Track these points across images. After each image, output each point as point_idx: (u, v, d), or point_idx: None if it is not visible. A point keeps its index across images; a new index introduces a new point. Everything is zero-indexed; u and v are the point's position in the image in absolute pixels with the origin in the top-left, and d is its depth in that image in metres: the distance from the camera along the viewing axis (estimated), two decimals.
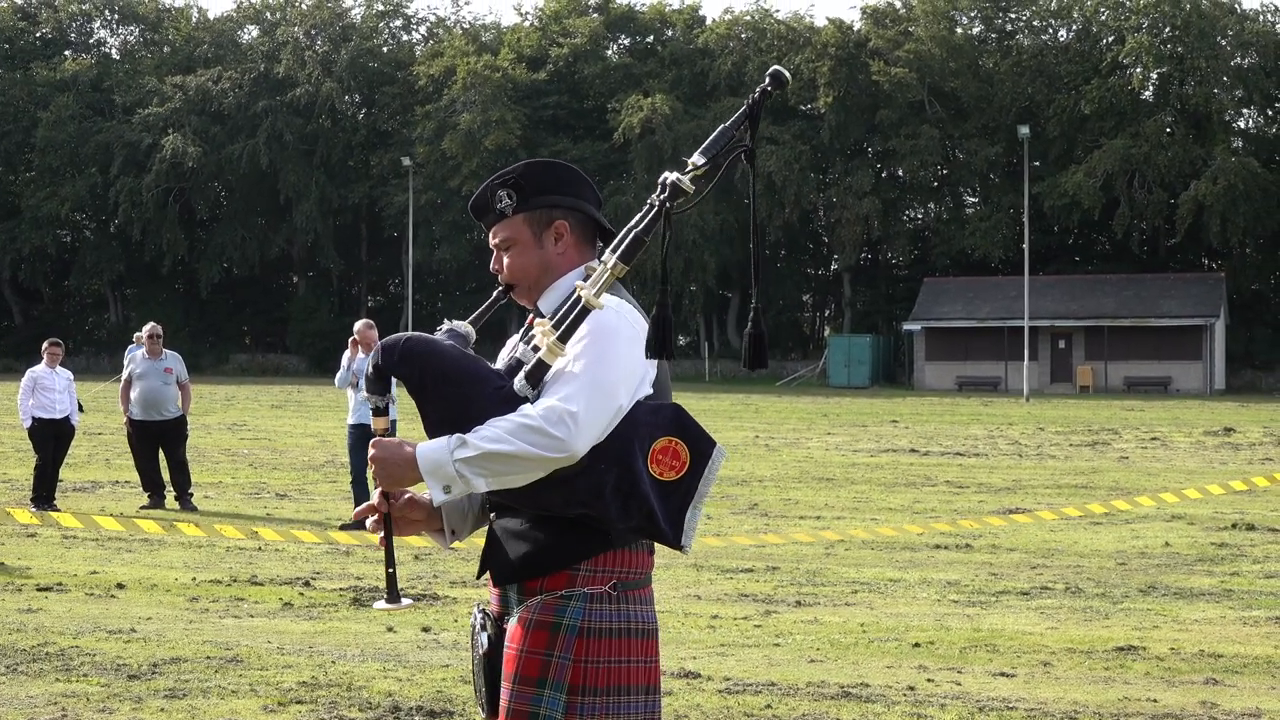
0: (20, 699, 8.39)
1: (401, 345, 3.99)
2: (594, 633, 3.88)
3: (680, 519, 3.90)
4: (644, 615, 3.96)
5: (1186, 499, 17.97)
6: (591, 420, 3.78)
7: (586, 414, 3.77)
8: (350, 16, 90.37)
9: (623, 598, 3.91)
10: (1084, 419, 41.54)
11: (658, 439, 3.87)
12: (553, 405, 3.77)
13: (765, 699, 8.55)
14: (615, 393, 3.83)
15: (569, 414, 3.75)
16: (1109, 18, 76.96)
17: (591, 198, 4.19)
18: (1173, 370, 68.23)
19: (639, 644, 3.92)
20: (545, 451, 3.76)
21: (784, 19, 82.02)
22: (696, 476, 3.91)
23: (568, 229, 4.12)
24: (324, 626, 10.64)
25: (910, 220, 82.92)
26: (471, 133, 78.54)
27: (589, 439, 3.78)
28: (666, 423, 3.90)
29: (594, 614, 3.89)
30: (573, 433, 3.75)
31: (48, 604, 11.45)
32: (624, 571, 3.93)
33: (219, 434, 31.90)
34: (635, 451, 3.85)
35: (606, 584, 3.90)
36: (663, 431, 3.88)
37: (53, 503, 17.92)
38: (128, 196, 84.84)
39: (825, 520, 17.51)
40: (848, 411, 45.43)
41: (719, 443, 3.96)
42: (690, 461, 3.90)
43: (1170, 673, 9.35)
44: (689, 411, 3.99)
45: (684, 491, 3.90)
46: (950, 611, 11.45)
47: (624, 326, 3.90)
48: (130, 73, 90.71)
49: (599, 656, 3.87)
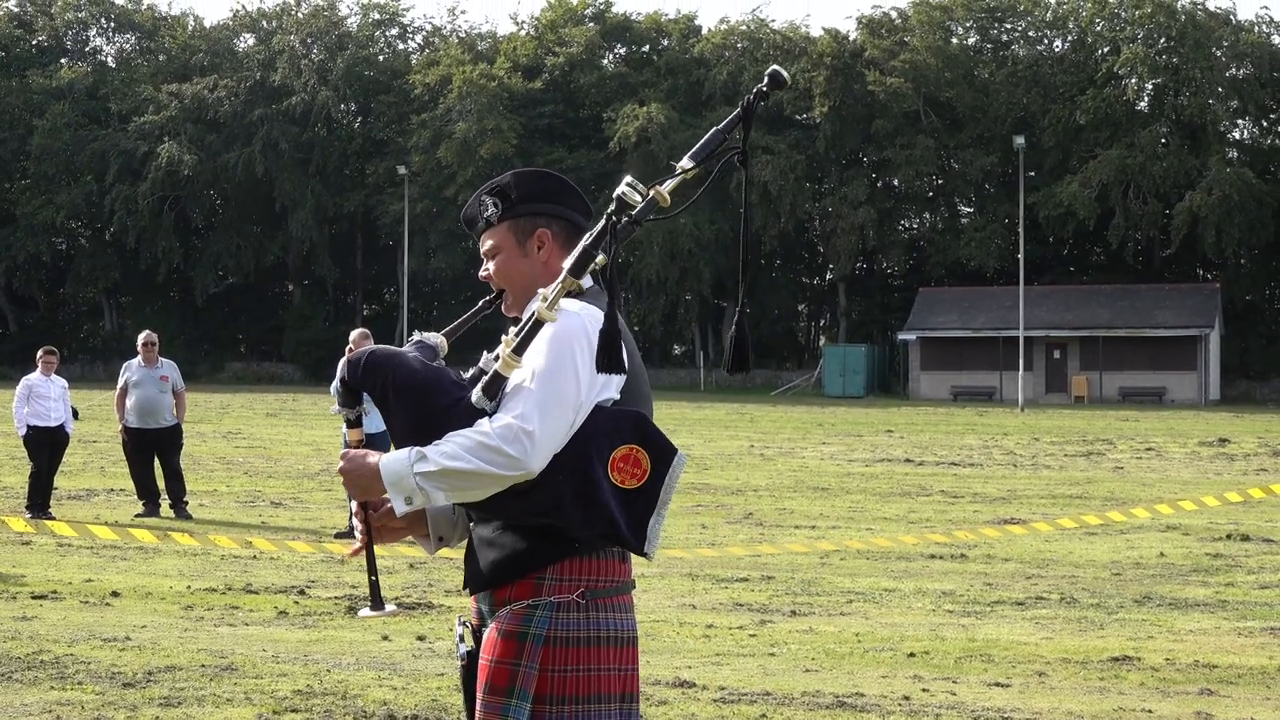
0: (15, 707, 8.39)
1: (365, 358, 4.03)
2: (561, 641, 3.86)
3: (643, 527, 3.85)
4: (617, 623, 3.92)
5: (1181, 510, 17.98)
6: (547, 436, 3.79)
7: (542, 431, 3.78)
8: (346, 25, 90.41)
9: (593, 606, 3.88)
10: (1079, 429, 41.57)
11: (618, 447, 3.84)
12: (509, 423, 3.78)
13: (760, 708, 8.55)
14: (570, 405, 3.82)
15: (525, 432, 3.77)
16: (1104, 28, 77.06)
17: (579, 207, 4.17)
18: (1168, 381, 68.26)
19: (611, 652, 3.89)
20: (501, 470, 3.78)
21: (779, 29, 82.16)
22: (658, 484, 3.86)
23: (549, 237, 4.11)
24: (319, 635, 10.63)
25: (905, 230, 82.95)
26: (467, 141, 78.58)
27: (545, 455, 3.79)
28: (627, 430, 3.86)
29: (561, 623, 3.87)
30: (528, 451, 3.77)
31: (42, 612, 11.44)
32: (593, 580, 3.90)
33: (214, 442, 31.89)
34: (594, 460, 3.82)
35: (574, 592, 3.88)
36: (623, 439, 3.84)
37: (48, 510, 17.92)
38: (123, 204, 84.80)
39: (820, 530, 17.52)
40: (843, 421, 45.44)
41: (680, 450, 3.90)
42: (651, 469, 3.85)
43: (1165, 683, 9.35)
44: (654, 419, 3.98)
45: (647, 499, 3.85)
46: (945, 621, 11.45)
47: (580, 336, 3.86)
48: (126, 81, 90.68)
49: (567, 665, 3.85)
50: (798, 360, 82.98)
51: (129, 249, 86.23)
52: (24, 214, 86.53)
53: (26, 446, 18.39)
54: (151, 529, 15.89)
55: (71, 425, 18.76)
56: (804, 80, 77.43)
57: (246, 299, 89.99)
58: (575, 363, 3.83)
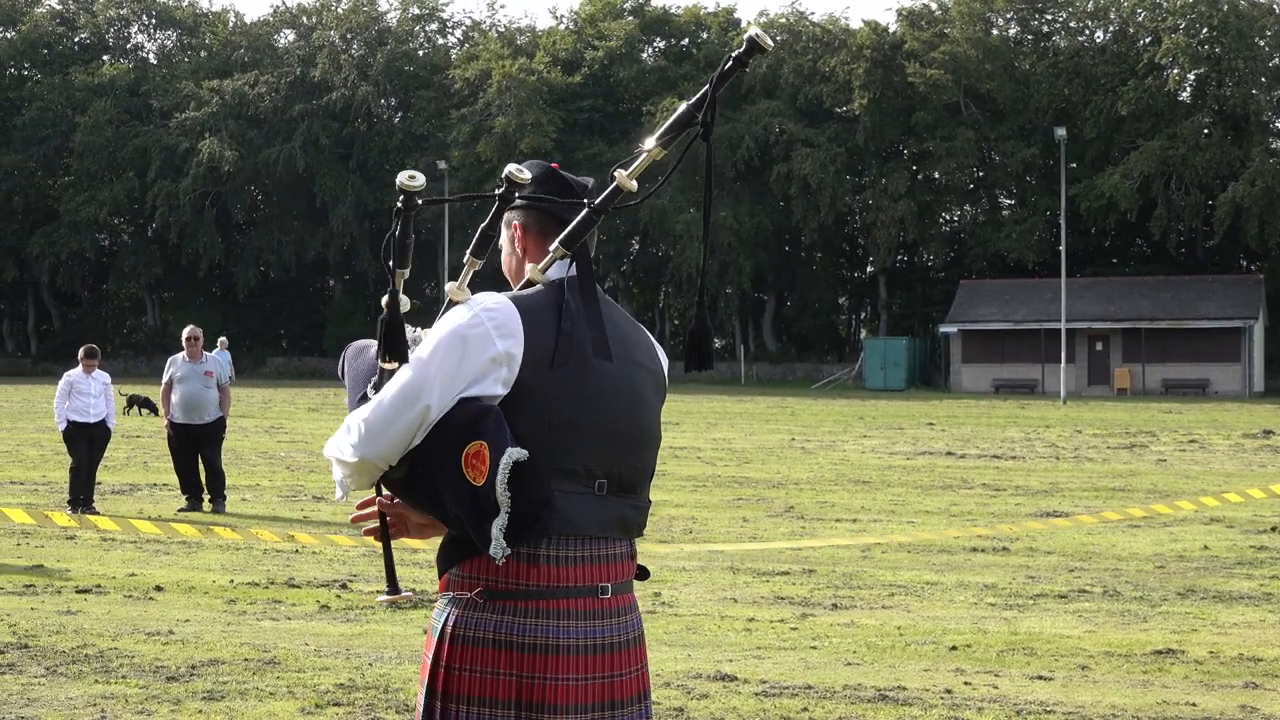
0: (60, 700, 8.43)
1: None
2: (461, 639, 3.78)
3: (487, 525, 3.68)
4: (520, 628, 3.74)
5: (1226, 502, 17.87)
6: (379, 426, 3.76)
7: (375, 419, 3.76)
8: (386, 20, 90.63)
9: (493, 607, 3.76)
10: (1121, 421, 41.39)
11: (470, 443, 3.70)
12: (356, 411, 3.82)
13: (802, 702, 8.53)
14: (411, 396, 3.75)
15: (360, 421, 3.78)
16: (1146, 18, 76.67)
17: (557, 191, 4.04)
18: (1211, 372, 67.92)
19: (508, 656, 3.73)
20: (340, 455, 3.82)
21: (819, 21, 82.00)
22: (494, 481, 3.70)
23: (519, 227, 4.08)
24: (361, 629, 10.65)
25: (946, 223, 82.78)
26: (507, 136, 78.70)
27: (374, 446, 3.77)
28: (480, 425, 3.71)
29: (460, 620, 3.78)
30: (358, 439, 3.78)
31: (86, 606, 11.50)
32: (493, 580, 3.77)
33: (256, 437, 32.00)
34: (447, 455, 3.73)
35: (473, 590, 3.79)
36: (474, 435, 3.70)
37: (91, 505, 17.98)
38: (165, 200, 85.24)
39: (861, 523, 17.48)
40: (884, 414, 45.34)
41: (515, 447, 3.67)
42: (490, 466, 3.70)
43: (1209, 676, 9.30)
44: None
45: (491, 496, 3.69)
46: (987, 614, 11.41)
47: (463, 324, 3.78)
48: (167, 77, 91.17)
49: (465, 664, 3.76)
50: (838, 353, 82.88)
51: (171, 245, 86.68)
52: (67, 210, 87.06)
53: (65, 441, 18.47)
54: (195, 524, 15.95)
55: (113, 420, 18.82)
56: (844, 73, 77.35)
57: (288, 294, 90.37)
58: (435, 354, 3.77)
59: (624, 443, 3.86)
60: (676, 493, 20.87)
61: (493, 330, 3.76)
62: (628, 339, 3.94)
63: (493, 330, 3.76)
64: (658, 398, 4.01)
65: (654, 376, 3.99)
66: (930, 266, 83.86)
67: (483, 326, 3.76)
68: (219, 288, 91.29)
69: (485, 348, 3.74)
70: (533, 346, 3.76)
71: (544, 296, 3.88)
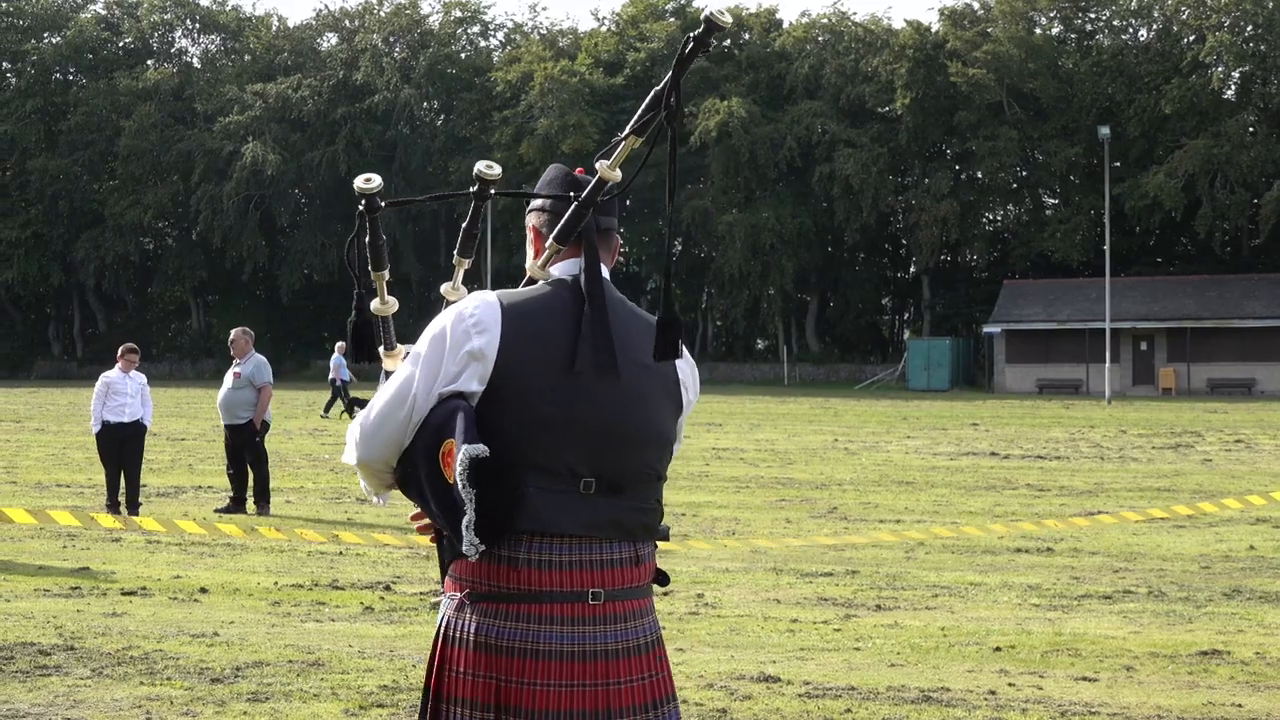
0: (105, 702, 8.48)
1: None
2: (450, 640, 3.81)
3: (458, 523, 3.68)
4: (498, 631, 3.74)
5: (1272, 501, 17.76)
6: (372, 428, 3.85)
7: (369, 422, 3.85)
8: (428, 23, 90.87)
9: (476, 609, 3.77)
10: (1166, 421, 41.18)
11: (445, 439, 3.72)
12: (359, 414, 3.90)
13: (845, 703, 8.51)
14: (401, 396, 3.81)
15: (358, 424, 3.87)
16: (1189, 16, 76.24)
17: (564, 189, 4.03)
18: (1257, 372, 67.52)
19: (487, 659, 3.74)
20: (346, 459, 3.94)
21: (861, 21, 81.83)
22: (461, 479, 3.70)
23: (534, 229, 4.08)
24: (405, 630, 10.68)
25: (989, 222, 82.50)
26: (549, 138, 78.79)
27: (370, 446, 3.85)
28: (449, 424, 3.72)
29: (450, 621, 3.82)
30: (357, 440, 3.87)
31: (132, 608, 11.56)
32: (474, 581, 3.78)
33: (300, 439, 32.11)
34: (421, 452, 3.77)
35: (460, 591, 3.81)
36: (447, 434, 3.72)
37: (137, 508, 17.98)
38: (209, 204, 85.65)
39: (905, 524, 17.44)
40: (927, 415, 45.23)
41: (474, 444, 3.65)
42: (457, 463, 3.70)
43: (1256, 677, 9.25)
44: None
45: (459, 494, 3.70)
46: (1031, 615, 11.37)
47: (446, 323, 3.83)
48: (211, 81, 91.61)
49: (454, 666, 3.79)
50: (882, 354, 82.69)
51: (215, 248, 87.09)
52: (112, 214, 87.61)
53: (97, 443, 18.45)
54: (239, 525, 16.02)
55: (150, 420, 18.77)
56: (886, 73, 77.19)
57: (331, 297, 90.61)
58: (421, 354, 3.83)
59: (617, 442, 3.82)
60: (720, 494, 20.87)
61: (471, 327, 3.80)
62: (633, 339, 3.90)
63: (471, 327, 3.80)
64: (666, 398, 3.95)
65: (663, 377, 3.94)
66: (974, 266, 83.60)
67: (463, 324, 3.81)
68: (263, 291, 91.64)
69: (462, 344, 3.79)
70: (512, 343, 3.78)
71: (543, 294, 3.90)
